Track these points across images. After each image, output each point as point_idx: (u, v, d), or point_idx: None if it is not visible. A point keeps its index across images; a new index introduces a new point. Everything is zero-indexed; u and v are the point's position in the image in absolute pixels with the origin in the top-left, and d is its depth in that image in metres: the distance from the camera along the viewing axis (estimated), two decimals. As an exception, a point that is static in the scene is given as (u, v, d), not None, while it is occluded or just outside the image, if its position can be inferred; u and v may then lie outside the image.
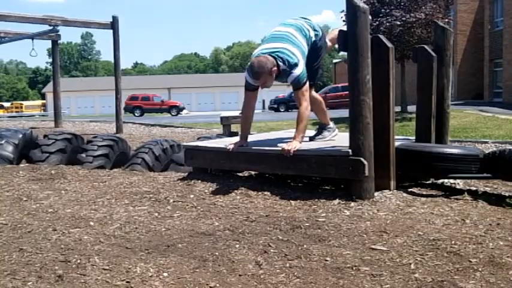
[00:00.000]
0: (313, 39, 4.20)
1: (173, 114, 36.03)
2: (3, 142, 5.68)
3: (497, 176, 4.08)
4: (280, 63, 3.83)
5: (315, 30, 4.23)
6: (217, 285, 2.15)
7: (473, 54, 27.23)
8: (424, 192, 4.13)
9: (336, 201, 3.72)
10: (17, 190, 4.12)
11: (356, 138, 3.79)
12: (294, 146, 3.90)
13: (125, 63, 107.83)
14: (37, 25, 13.50)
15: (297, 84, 3.89)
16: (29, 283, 2.10)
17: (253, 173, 4.92)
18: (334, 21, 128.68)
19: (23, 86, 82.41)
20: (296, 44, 3.96)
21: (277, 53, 3.85)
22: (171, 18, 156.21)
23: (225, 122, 9.94)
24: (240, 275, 2.26)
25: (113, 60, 14.44)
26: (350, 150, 3.81)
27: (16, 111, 46.27)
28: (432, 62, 4.69)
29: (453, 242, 2.75)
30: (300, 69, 3.84)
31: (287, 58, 3.83)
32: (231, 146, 4.20)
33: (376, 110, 3.88)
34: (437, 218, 3.32)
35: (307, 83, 3.96)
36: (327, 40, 4.44)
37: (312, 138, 4.60)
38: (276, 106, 35.20)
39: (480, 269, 2.36)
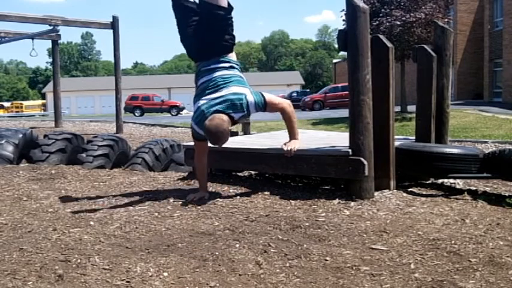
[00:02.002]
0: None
1: (173, 114, 36.02)
2: (3, 142, 5.69)
3: (497, 176, 4.08)
4: (234, 115, 3.54)
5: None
6: (217, 284, 2.15)
7: (473, 54, 27.24)
8: (424, 192, 4.13)
9: (336, 201, 3.72)
10: (17, 190, 4.12)
11: (356, 138, 3.80)
12: (294, 145, 3.84)
13: (125, 63, 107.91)
14: (37, 25, 13.51)
15: (261, 104, 3.61)
16: (29, 283, 2.10)
17: (253, 173, 4.92)
18: (334, 21, 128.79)
19: (23, 86, 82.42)
20: (235, 81, 3.63)
21: (226, 104, 3.51)
22: (171, 18, 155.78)
23: (225, 122, 9.93)
24: (240, 275, 2.26)
25: (113, 60, 14.45)
26: (350, 150, 3.82)
27: (16, 111, 46.26)
28: (432, 62, 4.70)
29: (453, 242, 2.76)
30: (251, 96, 3.57)
31: (237, 103, 3.52)
32: (191, 196, 3.73)
33: (376, 110, 3.88)
34: (437, 217, 3.32)
35: (267, 95, 3.69)
36: None
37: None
38: (276, 106, 35.15)
39: (480, 269, 2.36)
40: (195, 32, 3.69)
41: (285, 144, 3.87)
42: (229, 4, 3.63)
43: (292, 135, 3.91)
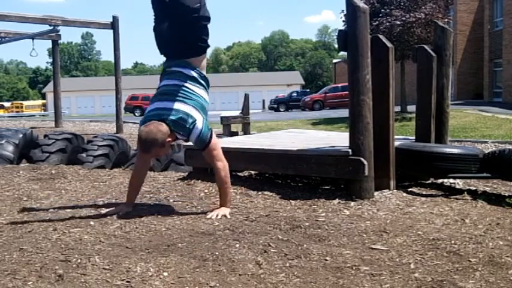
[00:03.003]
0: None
1: (173, 114, 36.02)
2: (3, 142, 5.69)
3: (496, 176, 4.09)
4: (176, 133, 3.22)
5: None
6: (217, 284, 2.15)
7: (473, 54, 27.22)
8: (424, 192, 4.13)
9: (336, 201, 3.72)
10: (18, 190, 4.12)
11: (356, 138, 3.80)
12: (223, 213, 3.30)
13: (125, 63, 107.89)
14: (37, 25, 13.50)
15: (203, 140, 3.25)
16: (29, 283, 2.10)
17: (253, 172, 4.92)
18: (334, 21, 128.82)
19: (23, 86, 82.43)
20: (195, 102, 3.28)
21: (175, 119, 3.17)
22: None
23: (225, 122, 9.96)
24: (240, 275, 2.26)
25: (113, 60, 14.45)
26: (350, 150, 3.82)
27: (16, 111, 46.24)
28: (432, 62, 4.70)
29: (453, 242, 2.76)
30: (200, 125, 3.21)
31: (185, 124, 3.18)
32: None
33: (376, 110, 3.89)
34: (437, 217, 3.32)
35: (214, 137, 3.33)
36: None
37: None
38: (276, 106, 35.22)
39: (480, 269, 2.36)
40: (166, 26, 3.35)
41: (211, 210, 3.37)
42: (201, 6, 3.32)
43: (222, 202, 3.41)
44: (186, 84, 3.30)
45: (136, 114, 36.21)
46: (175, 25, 3.32)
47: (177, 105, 3.21)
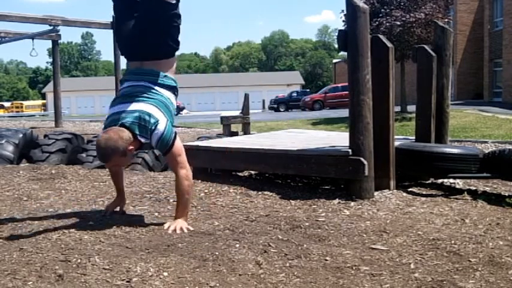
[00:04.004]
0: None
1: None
2: (3, 142, 5.69)
3: (497, 176, 4.09)
4: (141, 138, 2.90)
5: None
6: (217, 284, 2.15)
7: (473, 54, 27.21)
8: (424, 192, 4.13)
9: (336, 201, 3.72)
10: (18, 190, 4.12)
11: (356, 138, 3.80)
12: (180, 226, 2.95)
13: (125, 63, 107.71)
14: (37, 25, 13.50)
15: (166, 144, 2.93)
16: (29, 283, 2.10)
17: (253, 172, 4.92)
18: (334, 21, 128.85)
19: (23, 86, 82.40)
20: (158, 102, 2.99)
21: (137, 122, 2.88)
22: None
23: (225, 122, 9.95)
24: (240, 275, 2.26)
25: (113, 60, 14.44)
26: (350, 150, 3.82)
27: (16, 111, 46.25)
28: (432, 62, 4.70)
29: (453, 242, 2.76)
30: (162, 126, 2.90)
31: (147, 126, 2.88)
32: (109, 208, 3.36)
33: (376, 110, 3.89)
34: (437, 217, 3.32)
35: (179, 142, 3.01)
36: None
37: None
38: (276, 106, 35.21)
39: (480, 269, 2.36)
40: (134, 24, 3.07)
41: (168, 226, 2.99)
42: (177, 2, 3.06)
43: (179, 213, 3.04)
44: (150, 85, 3.02)
45: (136, 114, 36.16)
46: (146, 22, 3.01)
47: (138, 106, 2.92)
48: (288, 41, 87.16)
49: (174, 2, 3.00)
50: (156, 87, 3.02)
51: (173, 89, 3.14)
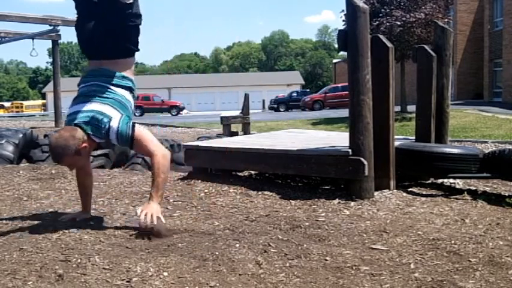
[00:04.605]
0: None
1: (173, 114, 36.01)
2: (3, 142, 5.69)
3: (497, 176, 4.09)
4: (95, 138, 2.87)
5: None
6: (217, 284, 2.15)
7: (473, 54, 27.22)
8: (424, 192, 4.13)
9: (336, 201, 3.72)
10: (18, 190, 4.12)
11: (356, 138, 3.80)
12: (153, 210, 2.80)
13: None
14: (37, 25, 13.51)
15: (126, 137, 2.85)
16: (29, 282, 2.10)
17: (253, 172, 4.92)
18: (334, 21, 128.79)
19: (24, 86, 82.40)
20: (112, 100, 2.93)
21: (89, 121, 2.84)
22: (171, 18, 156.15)
23: (225, 122, 9.96)
24: (240, 275, 2.26)
25: (112, 60, 14.42)
26: (350, 150, 3.82)
27: (16, 111, 46.26)
28: (432, 62, 4.70)
29: (453, 242, 2.76)
30: (115, 122, 2.84)
31: (100, 125, 2.83)
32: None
33: (376, 110, 3.89)
34: (437, 217, 3.32)
35: (139, 129, 2.94)
36: None
37: None
38: (276, 106, 35.21)
39: (480, 269, 2.36)
40: (93, 23, 3.01)
41: (141, 210, 2.82)
42: (135, 1, 3.01)
43: (153, 196, 2.87)
44: (106, 85, 2.96)
45: (136, 114, 36.18)
46: (103, 22, 2.97)
47: (91, 106, 2.88)
48: (288, 41, 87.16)
49: (130, 1, 2.94)
50: (112, 87, 2.97)
51: (130, 90, 3.07)
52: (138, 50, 3.14)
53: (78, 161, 2.87)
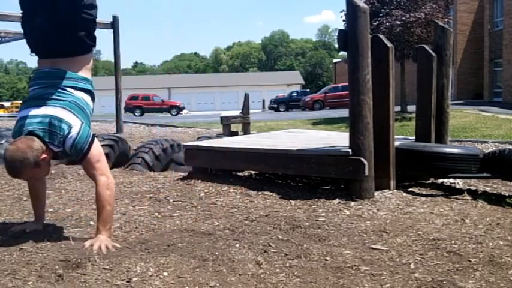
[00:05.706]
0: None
1: (173, 114, 36.00)
2: (3, 142, 5.69)
3: (497, 176, 4.09)
4: (52, 147, 2.57)
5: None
6: (217, 284, 2.15)
7: (473, 54, 27.21)
8: (424, 192, 4.13)
9: (336, 201, 3.72)
10: (17, 190, 4.12)
11: (356, 138, 3.80)
12: (102, 242, 2.55)
13: (125, 63, 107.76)
14: (37, 25, 13.47)
15: (80, 149, 2.59)
16: (29, 282, 2.10)
17: (253, 172, 4.92)
18: (334, 21, 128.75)
19: (24, 86, 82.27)
20: (70, 104, 2.64)
21: (46, 128, 2.54)
22: (171, 18, 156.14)
23: (225, 121, 9.95)
24: (240, 275, 2.26)
25: (113, 60, 14.44)
26: (350, 150, 3.82)
27: (16, 111, 46.21)
28: (432, 62, 4.70)
29: (453, 242, 2.76)
30: (75, 130, 2.57)
31: (58, 132, 2.55)
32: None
33: (376, 110, 3.89)
34: (437, 217, 3.32)
35: (97, 146, 2.68)
36: None
37: None
38: (276, 106, 35.20)
39: (480, 269, 2.36)
40: (42, 18, 2.71)
41: (90, 244, 2.55)
42: None
43: (100, 228, 2.63)
44: (61, 86, 2.67)
45: (136, 114, 36.22)
46: (54, 15, 2.67)
47: (46, 110, 2.58)
48: (288, 41, 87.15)
49: None
50: (69, 89, 2.69)
51: (89, 93, 2.80)
52: (94, 45, 2.84)
53: (38, 173, 2.60)
